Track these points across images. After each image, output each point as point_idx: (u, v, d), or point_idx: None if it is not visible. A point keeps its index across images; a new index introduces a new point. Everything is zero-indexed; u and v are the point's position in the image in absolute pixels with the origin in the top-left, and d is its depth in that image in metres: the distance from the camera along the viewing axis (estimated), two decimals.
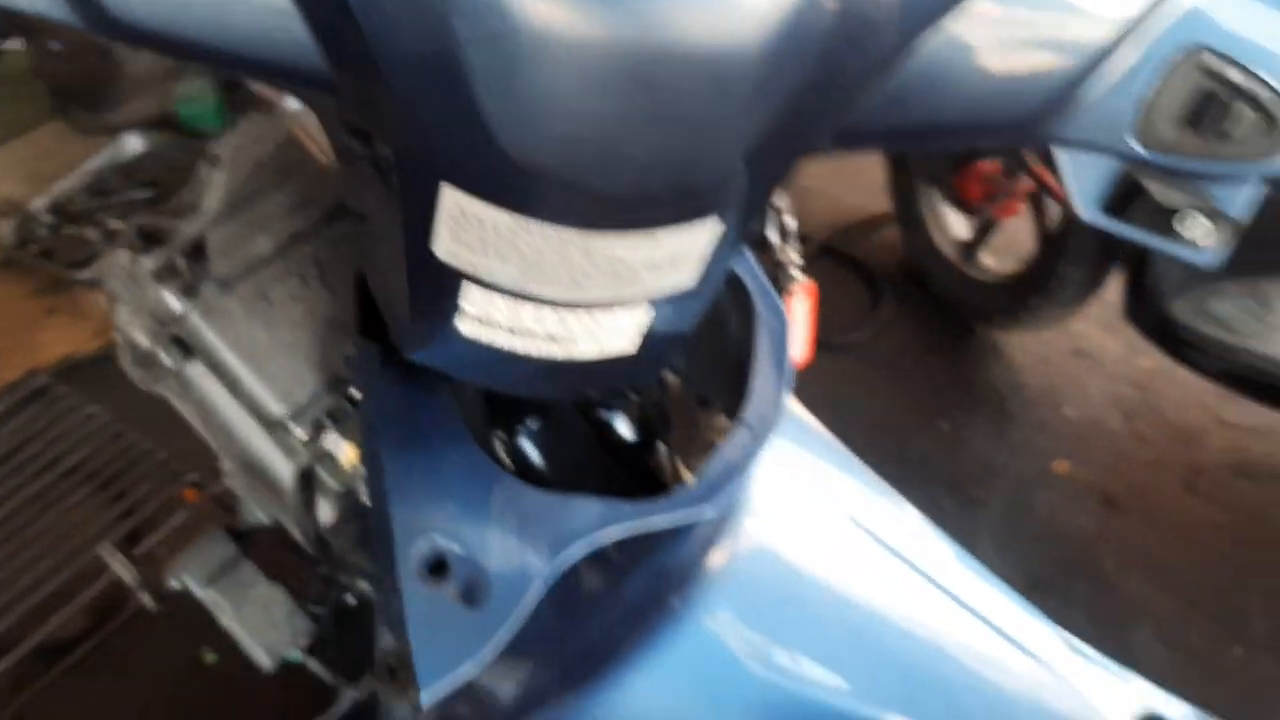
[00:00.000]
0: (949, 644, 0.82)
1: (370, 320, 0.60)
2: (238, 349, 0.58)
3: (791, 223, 0.69)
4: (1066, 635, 0.90)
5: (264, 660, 0.76)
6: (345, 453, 0.59)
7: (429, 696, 0.49)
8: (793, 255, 0.71)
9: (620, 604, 0.70)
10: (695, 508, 0.58)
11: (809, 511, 0.81)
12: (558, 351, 0.49)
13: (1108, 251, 1.87)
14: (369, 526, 0.66)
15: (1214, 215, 0.48)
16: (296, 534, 0.67)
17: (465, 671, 0.50)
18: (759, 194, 0.45)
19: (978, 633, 0.83)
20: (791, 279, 0.70)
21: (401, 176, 0.43)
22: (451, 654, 0.51)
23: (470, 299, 0.47)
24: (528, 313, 0.47)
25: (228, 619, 0.75)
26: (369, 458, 0.57)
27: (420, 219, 0.44)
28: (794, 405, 0.89)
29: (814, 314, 0.74)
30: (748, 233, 0.58)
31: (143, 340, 0.59)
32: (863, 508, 0.86)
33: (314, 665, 0.78)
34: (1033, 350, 2.28)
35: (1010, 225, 2.23)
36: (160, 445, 2.22)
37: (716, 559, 0.71)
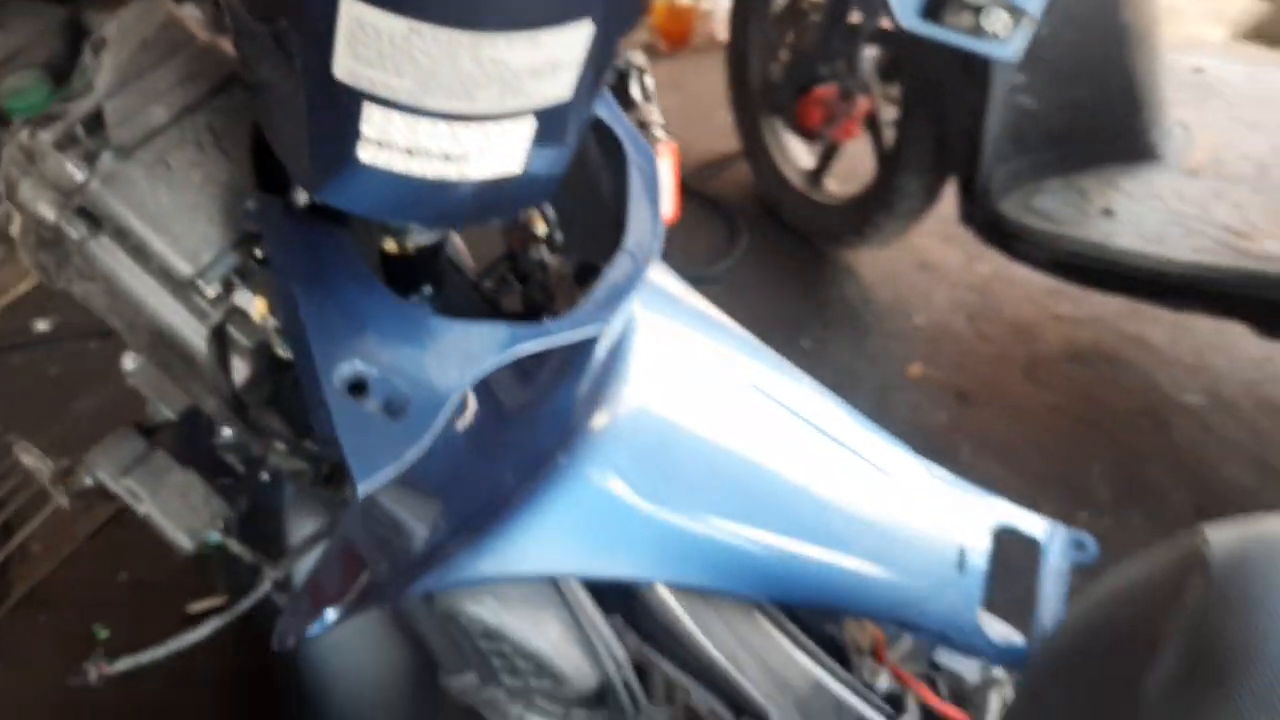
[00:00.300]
0: (825, 473, 0.90)
1: (268, 178, 0.63)
2: (142, 213, 0.61)
3: (651, 83, 0.76)
4: (930, 464, 1.00)
5: (185, 543, 0.78)
6: (256, 307, 0.63)
7: (364, 489, 0.54)
8: (655, 115, 0.77)
9: (509, 461, 0.74)
10: (590, 325, 0.64)
11: (687, 370, 0.88)
12: (452, 172, 0.54)
13: (941, 161, 2.00)
14: (282, 382, 0.70)
15: (1011, 9, 0.56)
16: (210, 403, 0.70)
17: (394, 468, 0.55)
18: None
19: (851, 463, 0.92)
20: (655, 138, 0.77)
21: (304, 4, 0.47)
22: (380, 456, 0.55)
23: (370, 121, 0.51)
24: (424, 129, 0.51)
25: (145, 507, 0.77)
26: (282, 298, 0.60)
27: (321, 46, 0.48)
28: (664, 276, 0.96)
29: (676, 172, 0.80)
30: (607, 77, 0.64)
31: (48, 213, 0.61)
32: (742, 364, 0.93)
33: (234, 546, 0.81)
34: (881, 267, 2.41)
35: (850, 152, 2.36)
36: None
37: (599, 420, 0.77)
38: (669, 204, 0.81)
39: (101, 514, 2.12)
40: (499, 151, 0.54)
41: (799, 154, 2.45)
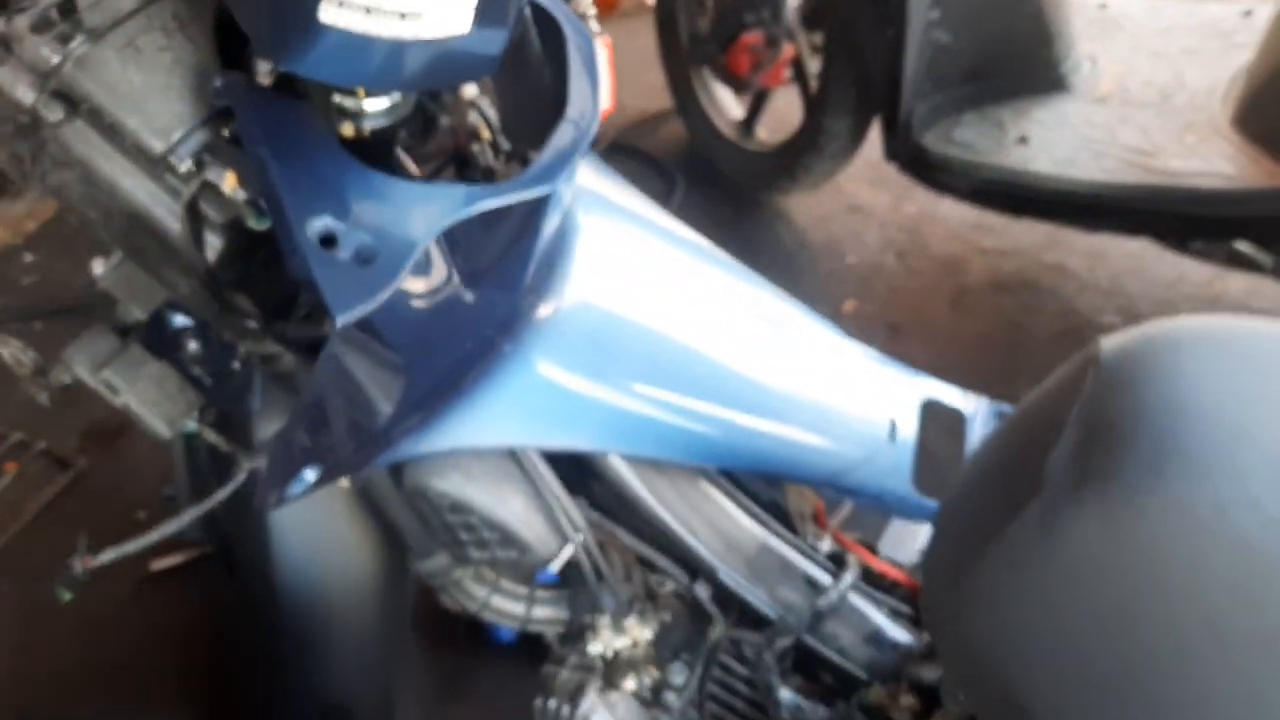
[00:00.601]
0: (766, 352, 0.96)
1: (231, 60, 0.68)
2: (115, 94, 0.65)
3: None
4: (866, 348, 1.07)
5: (164, 430, 0.82)
6: (226, 180, 0.67)
7: (341, 321, 0.59)
8: (589, 8, 0.82)
9: (462, 345, 0.79)
10: (539, 185, 0.69)
11: (632, 263, 0.93)
12: (407, 30, 0.59)
13: (865, 101, 2.08)
14: (252, 264, 0.74)
15: None
16: (184, 287, 0.74)
17: (367, 306, 0.61)
18: None
19: (790, 343, 0.99)
20: (592, 30, 0.82)
21: None
22: (353, 296, 0.61)
23: None
24: None
25: (123, 397, 0.81)
26: (252, 169, 0.65)
27: None
28: (608, 181, 1.01)
29: (611, 66, 0.86)
30: None
31: (26, 96, 0.65)
32: (686, 257, 0.99)
33: (209, 434, 0.85)
34: (813, 212, 2.50)
35: (778, 102, 2.43)
36: None
37: (543, 310, 0.82)
38: (607, 94, 0.87)
39: (53, 487, 2.13)
40: (449, 8, 0.59)
41: (729, 105, 2.52)
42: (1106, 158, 1.81)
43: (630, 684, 1.02)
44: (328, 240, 0.62)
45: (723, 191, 2.55)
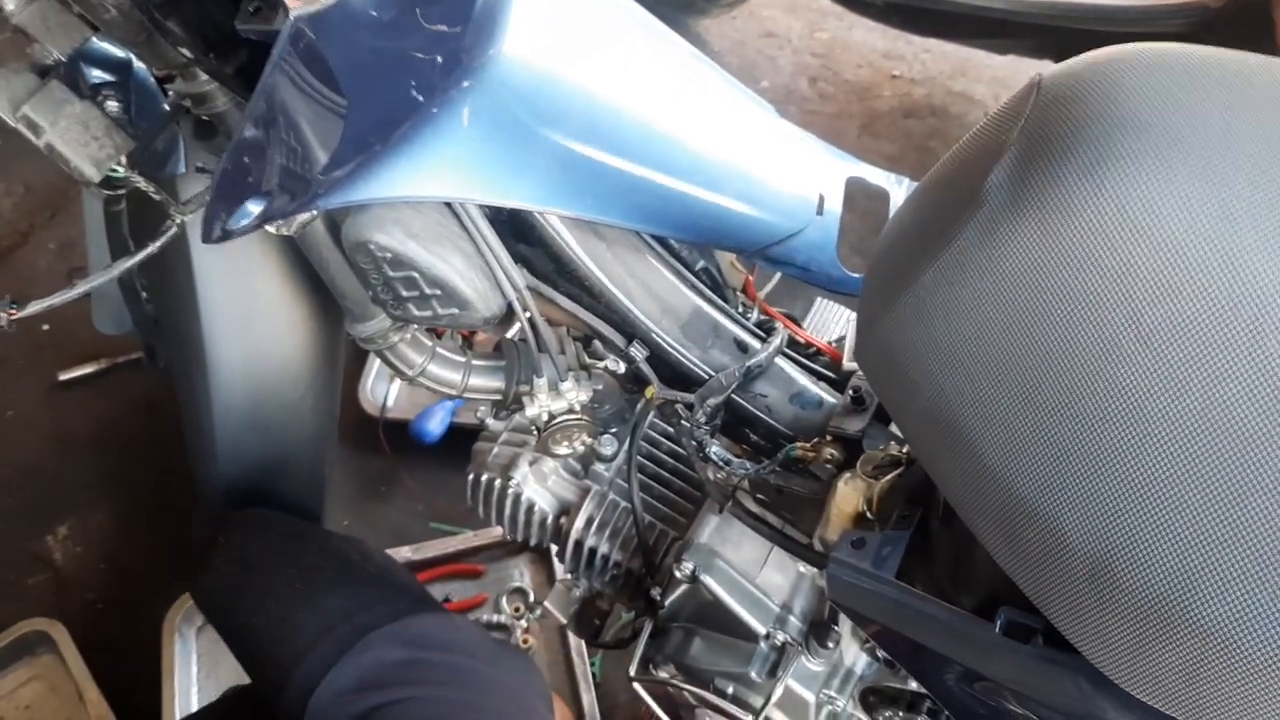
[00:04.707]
0: (703, 122, 0.97)
1: None
2: None
3: None
4: (806, 133, 1.08)
5: (91, 173, 0.79)
6: None
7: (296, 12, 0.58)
8: None
9: (390, 101, 0.77)
10: None
11: (573, 32, 0.91)
12: None
13: None
14: None
15: None
16: (110, 10, 0.71)
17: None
18: None
19: (725, 116, 0.99)
20: None
21: None
22: None
23: None
24: None
25: (46, 137, 0.77)
26: None
27: None
28: None
29: None
30: None
31: None
32: (626, 24, 0.97)
33: (136, 179, 0.82)
34: (730, 36, 2.47)
35: None
36: None
37: (482, 58, 0.79)
38: None
39: None
40: None
41: None
42: None
43: (563, 450, 1.05)
44: None
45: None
